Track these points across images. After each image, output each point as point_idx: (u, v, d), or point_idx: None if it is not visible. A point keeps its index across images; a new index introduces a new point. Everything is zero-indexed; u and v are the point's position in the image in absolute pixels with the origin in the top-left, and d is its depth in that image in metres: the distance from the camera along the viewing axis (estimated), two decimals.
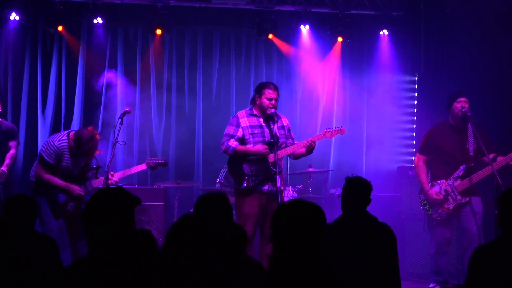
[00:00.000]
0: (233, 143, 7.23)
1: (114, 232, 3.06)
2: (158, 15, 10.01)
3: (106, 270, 3.04)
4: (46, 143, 7.59)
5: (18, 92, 10.03)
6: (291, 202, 3.27)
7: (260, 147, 7.15)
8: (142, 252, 3.20)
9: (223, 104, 10.69)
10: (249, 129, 7.27)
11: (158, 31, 10.13)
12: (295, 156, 7.49)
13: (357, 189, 4.96)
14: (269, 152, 7.14)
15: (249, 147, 7.22)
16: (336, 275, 3.14)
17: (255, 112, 7.35)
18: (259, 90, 7.37)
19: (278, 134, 7.21)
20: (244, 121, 7.30)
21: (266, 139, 7.25)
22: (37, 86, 10.11)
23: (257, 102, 7.34)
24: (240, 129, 7.26)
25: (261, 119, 7.32)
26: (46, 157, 7.45)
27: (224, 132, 7.38)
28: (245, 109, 7.46)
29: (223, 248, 3.73)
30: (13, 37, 9.97)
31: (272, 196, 7.08)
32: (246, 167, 7.20)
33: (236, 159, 7.28)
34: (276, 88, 7.37)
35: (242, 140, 7.27)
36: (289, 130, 7.51)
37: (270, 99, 7.25)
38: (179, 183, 9.58)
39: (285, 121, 7.51)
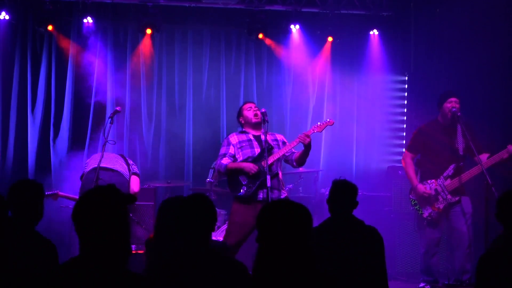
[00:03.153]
0: (225, 160, 7.27)
1: (106, 233, 3.04)
2: (148, 15, 10.02)
3: (98, 270, 3.03)
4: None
5: (8, 92, 9.97)
6: (276, 202, 3.27)
7: (251, 165, 7.13)
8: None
9: (213, 104, 10.68)
10: (238, 144, 7.33)
11: (148, 31, 10.13)
12: (297, 161, 7.38)
13: (343, 192, 4.97)
14: (259, 169, 7.11)
15: (240, 163, 7.21)
16: (323, 275, 3.14)
17: (244, 129, 7.42)
18: (239, 113, 7.57)
19: (270, 143, 7.19)
20: (234, 139, 7.39)
21: (255, 149, 7.25)
22: (27, 86, 10.06)
23: (242, 122, 7.49)
24: (231, 146, 7.31)
25: (250, 135, 7.37)
26: None
27: (218, 154, 7.42)
28: (235, 132, 7.55)
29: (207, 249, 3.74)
30: (2, 36, 9.92)
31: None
32: (242, 177, 7.20)
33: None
34: (251, 101, 7.67)
35: (233, 157, 7.31)
36: (284, 143, 7.46)
37: (249, 109, 7.42)
38: (169, 183, 9.56)
39: (279, 136, 7.53)
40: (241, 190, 7.16)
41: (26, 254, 4.19)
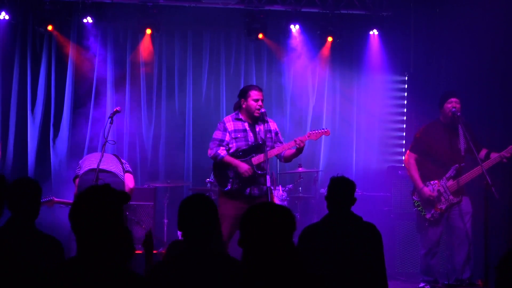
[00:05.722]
0: (222, 151, 7.21)
1: (103, 231, 3.05)
2: (147, 15, 10.01)
3: (95, 269, 3.03)
4: None
5: (8, 91, 9.96)
6: (259, 205, 3.25)
7: (245, 166, 7.11)
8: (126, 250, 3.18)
9: (213, 104, 10.68)
10: (233, 133, 7.26)
11: (148, 31, 10.12)
12: (285, 159, 7.46)
13: (341, 188, 4.98)
14: (250, 172, 7.11)
15: (236, 161, 7.18)
16: (310, 276, 3.13)
17: (240, 116, 7.34)
18: (244, 93, 7.36)
19: (264, 137, 7.18)
20: (230, 125, 7.30)
21: (250, 142, 7.23)
22: (27, 85, 10.05)
23: (243, 106, 7.33)
24: (227, 134, 7.26)
25: (246, 124, 7.31)
26: None
27: (213, 137, 7.36)
28: (231, 114, 7.46)
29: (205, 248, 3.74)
30: (2, 36, 9.91)
31: (256, 199, 7.08)
32: (230, 171, 7.19)
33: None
34: (260, 89, 7.39)
35: (227, 146, 7.27)
36: (276, 133, 7.47)
37: (256, 100, 7.25)
38: (169, 183, 9.57)
39: (272, 125, 7.48)
40: (228, 185, 7.16)
41: (31, 253, 4.19)
